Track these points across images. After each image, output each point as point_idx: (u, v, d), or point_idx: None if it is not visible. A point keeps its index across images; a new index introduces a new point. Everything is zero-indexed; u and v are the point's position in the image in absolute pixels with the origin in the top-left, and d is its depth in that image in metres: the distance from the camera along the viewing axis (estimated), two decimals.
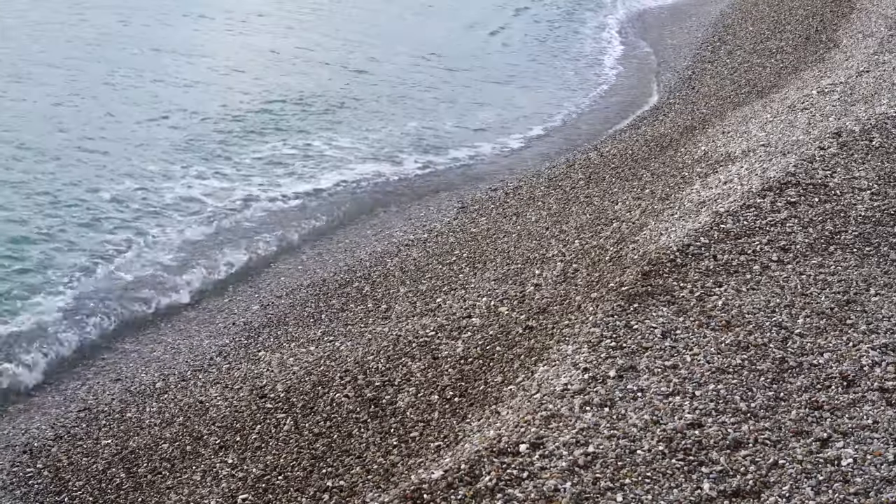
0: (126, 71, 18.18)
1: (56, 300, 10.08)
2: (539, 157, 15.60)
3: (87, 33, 20.51)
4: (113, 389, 8.85)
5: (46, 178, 12.99)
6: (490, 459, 5.42)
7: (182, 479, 7.22)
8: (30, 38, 19.66)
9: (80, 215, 12.08)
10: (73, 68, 18.04)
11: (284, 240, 12.22)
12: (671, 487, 5.11)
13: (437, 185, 14.39)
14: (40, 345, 9.35)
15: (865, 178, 9.27)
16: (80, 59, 18.66)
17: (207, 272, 11.23)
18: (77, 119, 15.41)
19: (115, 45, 19.78)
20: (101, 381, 9.05)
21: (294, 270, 11.41)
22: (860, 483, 5.10)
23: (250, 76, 18.76)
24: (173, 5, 23.62)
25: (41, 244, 11.20)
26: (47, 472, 7.66)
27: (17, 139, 14.23)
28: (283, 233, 12.41)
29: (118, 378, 9.08)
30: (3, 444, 8.10)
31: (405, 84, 19.12)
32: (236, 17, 23.50)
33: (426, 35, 23.12)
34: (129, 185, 13.16)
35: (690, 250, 7.92)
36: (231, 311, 10.41)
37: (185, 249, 11.74)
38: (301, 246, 12.15)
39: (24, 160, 13.54)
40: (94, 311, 10.05)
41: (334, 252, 11.85)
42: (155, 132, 15.28)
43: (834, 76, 14.18)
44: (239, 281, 11.24)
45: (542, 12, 26.73)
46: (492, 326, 8.06)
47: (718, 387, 5.97)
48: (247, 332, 9.72)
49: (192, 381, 8.77)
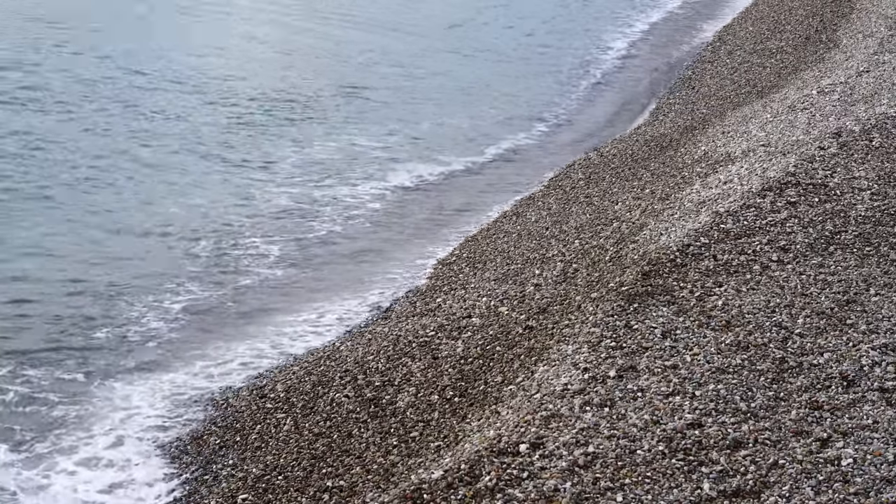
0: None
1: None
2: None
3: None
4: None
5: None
6: (490, 459, 5.42)
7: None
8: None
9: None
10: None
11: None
12: (671, 487, 5.11)
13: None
14: None
15: (865, 178, 9.27)
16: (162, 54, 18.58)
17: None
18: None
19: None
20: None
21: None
22: (860, 483, 5.10)
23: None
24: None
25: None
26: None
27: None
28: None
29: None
30: None
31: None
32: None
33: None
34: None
35: (690, 250, 7.92)
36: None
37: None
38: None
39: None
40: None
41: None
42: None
43: (834, 76, 14.19)
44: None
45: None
46: (492, 326, 8.06)
47: (718, 387, 5.97)
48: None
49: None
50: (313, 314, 10.00)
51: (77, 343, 9.45)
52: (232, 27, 22.72)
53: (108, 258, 11.14)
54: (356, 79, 19.08)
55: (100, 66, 17.90)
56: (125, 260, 11.13)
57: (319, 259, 11.60)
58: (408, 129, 16.61)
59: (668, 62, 21.46)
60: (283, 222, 12.58)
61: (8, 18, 20.29)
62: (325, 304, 10.23)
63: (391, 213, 13.02)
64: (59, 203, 12.36)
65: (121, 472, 7.59)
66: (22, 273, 10.59)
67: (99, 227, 11.93)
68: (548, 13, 26.59)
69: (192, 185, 13.36)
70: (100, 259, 11.11)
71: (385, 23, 24.07)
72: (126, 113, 15.80)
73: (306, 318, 9.91)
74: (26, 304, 9.92)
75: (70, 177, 13.16)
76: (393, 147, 15.63)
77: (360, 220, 12.75)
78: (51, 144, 14.05)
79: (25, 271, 10.65)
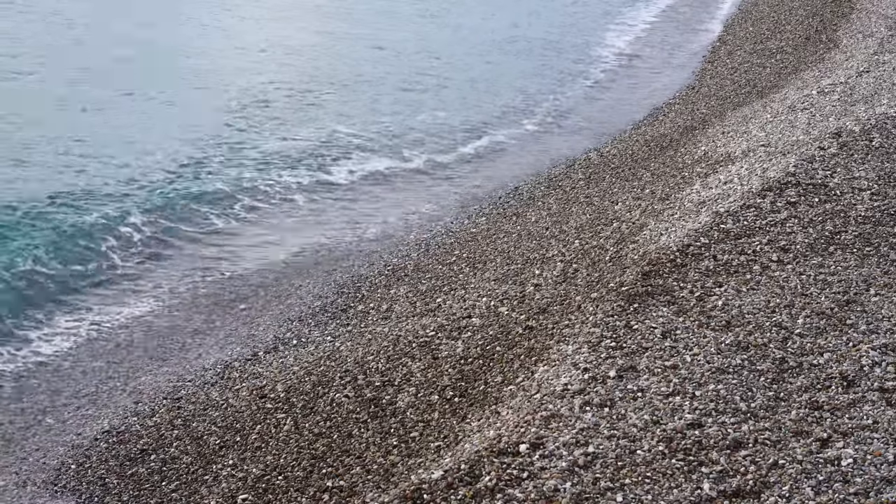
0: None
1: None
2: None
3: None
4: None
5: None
6: (490, 459, 5.42)
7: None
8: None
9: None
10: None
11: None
12: (671, 487, 5.11)
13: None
14: None
15: (865, 178, 9.27)
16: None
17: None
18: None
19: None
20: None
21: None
22: (860, 483, 5.10)
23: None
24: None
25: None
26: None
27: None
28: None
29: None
30: None
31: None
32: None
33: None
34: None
35: (690, 250, 7.92)
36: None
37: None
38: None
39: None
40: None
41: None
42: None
43: (834, 76, 14.19)
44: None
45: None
46: (492, 326, 8.06)
47: (718, 387, 5.97)
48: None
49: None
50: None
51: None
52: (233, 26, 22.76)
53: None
54: (353, 72, 19.20)
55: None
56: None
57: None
58: (405, 122, 16.70)
59: (669, 61, 21.47)
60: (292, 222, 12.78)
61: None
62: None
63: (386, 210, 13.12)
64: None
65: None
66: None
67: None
68: (548, 13, 26.63)
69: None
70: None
71: (385, 22, 24.10)
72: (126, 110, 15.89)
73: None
74: None
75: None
76: (390, 140, 15.76)
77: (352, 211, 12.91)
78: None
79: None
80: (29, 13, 21.36)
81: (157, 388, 8.66)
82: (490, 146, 16.23)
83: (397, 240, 11.89)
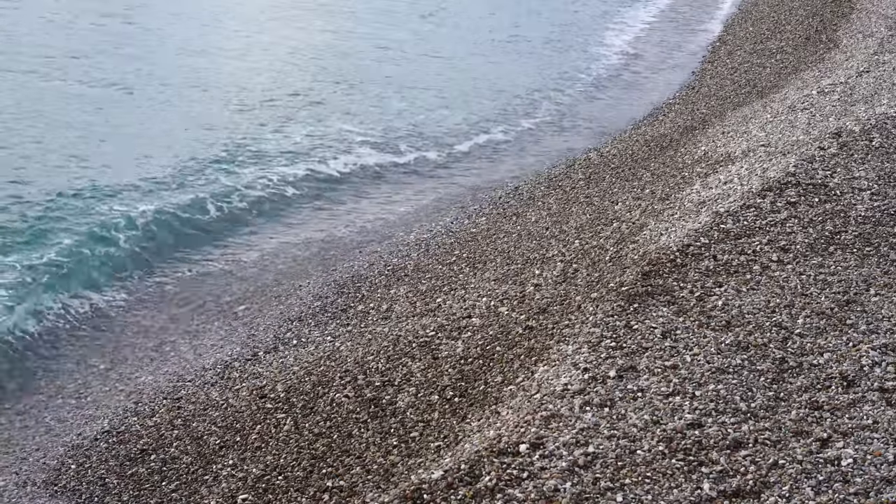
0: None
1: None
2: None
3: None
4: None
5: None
6: (490, 459, 5.42)
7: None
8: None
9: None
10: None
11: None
12: (671, 487, 5.11)
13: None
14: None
15: (865, 178, 9.27)
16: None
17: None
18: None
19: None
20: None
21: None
22: (860, 483, 5.10)
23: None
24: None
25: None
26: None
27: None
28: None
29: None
30: None
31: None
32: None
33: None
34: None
35: (690, 250, 7.92)
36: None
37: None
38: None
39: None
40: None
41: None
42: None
43: (834, 76, 14.19)
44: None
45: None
46: (492, 326, 8.06)
47: (718, 387, 5.97)
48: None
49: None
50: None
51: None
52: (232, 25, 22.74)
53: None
54: (356, 72, 19.21)
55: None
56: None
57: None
58: (406, 122, 16.71)
59: (669, 61, 21.47)
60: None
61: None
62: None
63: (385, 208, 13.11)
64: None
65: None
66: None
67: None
68: (548, 12, 26.62)
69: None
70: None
71: (386, 21, 24.10)
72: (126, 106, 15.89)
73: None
74: None
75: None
76: (390, 140, 15.78)
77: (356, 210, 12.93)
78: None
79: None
80: (29, 13, 21.37)
81: (157, 388, 8.66)
82: (490, 146, 16.24)
83: (397, 240, 11.88)
